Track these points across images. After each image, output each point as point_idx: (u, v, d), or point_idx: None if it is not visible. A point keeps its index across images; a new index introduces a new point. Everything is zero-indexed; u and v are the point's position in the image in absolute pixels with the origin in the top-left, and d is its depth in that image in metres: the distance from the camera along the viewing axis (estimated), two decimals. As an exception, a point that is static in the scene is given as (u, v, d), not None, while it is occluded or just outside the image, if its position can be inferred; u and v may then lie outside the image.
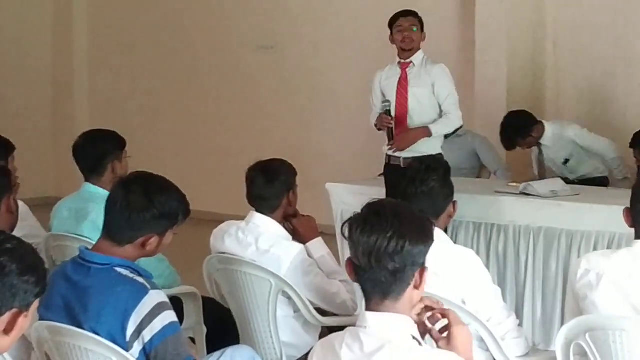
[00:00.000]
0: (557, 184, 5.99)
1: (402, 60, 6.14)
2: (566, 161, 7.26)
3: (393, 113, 6.12)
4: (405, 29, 6.09)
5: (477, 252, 4.64)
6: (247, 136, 10.10)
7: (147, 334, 3.14)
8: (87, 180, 4.88)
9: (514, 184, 6.01)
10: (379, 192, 6.04)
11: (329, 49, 9.70)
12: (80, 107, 11.45)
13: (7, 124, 9.38)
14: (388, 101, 6.13)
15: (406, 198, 4.04)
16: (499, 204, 5.77)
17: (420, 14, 6.26)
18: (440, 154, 6.13)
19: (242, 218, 4.44)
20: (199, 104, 10.64)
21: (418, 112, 6.07)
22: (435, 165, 4.21)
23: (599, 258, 3.50)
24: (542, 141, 7.28)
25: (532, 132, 7.23)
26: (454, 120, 6.13)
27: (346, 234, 2.62)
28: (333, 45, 9.67)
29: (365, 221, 2.59)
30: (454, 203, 4.15)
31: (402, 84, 6.11)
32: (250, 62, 10.20)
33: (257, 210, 4.40)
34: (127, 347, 3.14)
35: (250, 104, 10.24)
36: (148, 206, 3.30)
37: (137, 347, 3.15)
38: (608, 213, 5.12)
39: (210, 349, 4.38)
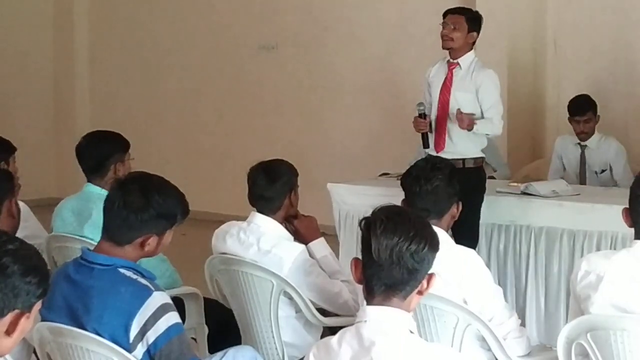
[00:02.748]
0: (559, 184, 5.99)
1: (450, 60, 5.92)
2: (602, 172, 7.18)
3: (434, 113, 5.90)
4: (446, 27, 5.84)
5: (479, 252, 4.64)
6: (248, 137, 10.10)
7: (151, 336, 3.13)
8: (89, 180, 4.88)
9: (515, 184, 6.00)
10: (379, 193, 6.06)
11: (329, 49, 9.70)
12: (82, 108, 11.45)
13: (8, 125, 9.41)
14: (422, 104, 5.94)
15: (410, 196, 4.06)
16: (500, 204, 5.77)
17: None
18: (482, 158, 5.95)
19: (243, 218, 4.44)
20: (200, 104, 10.64)
21: None
22: (440, 165, 4.21)
23: (600, 259, 3.50)
24: (588, 143, 7.20)
25: (596, 115, 7.20)
26: (496, 125, 5.85)
27: (365, 230, 2.68)
28: (334, 46, 9.67)
29: (388, 219, 2.67)
30: (458, 204, 4.15)
31: (446, 85, 5.89)
32: (251, 63, 10.20)
33: (259, 211, 4.40)
34: (130, 349, 3.14)
35: (251, 104, 10.24)
36: (145, 206, 3.29)
37: (140, 349, 3.15)
38: (609, 212, 5.12)
39: (212, 350, 4.37)
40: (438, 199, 4.04)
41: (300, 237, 4.45)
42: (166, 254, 4.38)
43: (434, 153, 5.84)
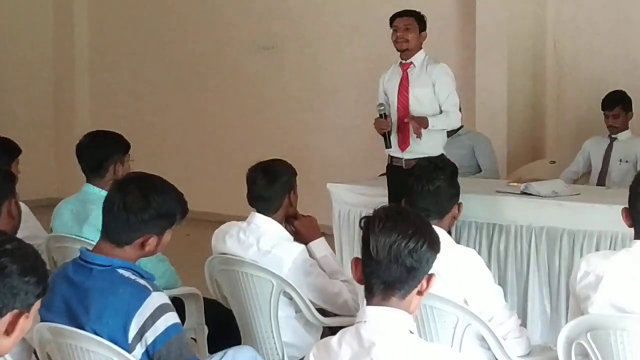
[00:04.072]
0: (558, 184, 5.98)
1: (403, 61, 6.11)
2: (625, 161, 7.18)
3: (395, 115, 6.07)
4: (399, 30, 6.05)
5: (479, 252, 4.64)
6: (247, 137, 10.11)
7: (150, 336, 3.13)
8: (88, 180, 4.88)
9: (515, 184, 6.00)
10: (379, 192, 6.07)
11: (329, 49, 9.71)
12: (82, 108, 11.46)
13: (9, 125, 9.40)
14: (382, 104, 6.11)
15: (412, 196, 4.06)
16: (501, 204, 5.77)
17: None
18: (442, 155, 6.07)
19: (243, 219, 4.44)
20: (200, 104, 10.65)
21: (419, 113, 5.99)
22: (442, 165, 4.23)
23: (599, 259, 3.50)
24: (618, 136, 7.24)
25: (628, 112, 7.21)
26: (453, 119, 6.05)
27: (365, 228, 2.69)
28: (333, 45, 9.68)
29: (388, 217, 2.67)
30: (459, 205, 4.16)
31: (404, 85, 6.07)
32: (250, 63, 10.20)
33: (258, 211, 4.40)
34: (129, 349, 3.14)
35: (250, 104, 10.25)
36: (145, 207, 3.29)
37: (139, 350, 3.15)
38: (609, 212, 5.11)
39: (212, 350, 4.38)
40: (439, 199, 4.06)
41: (301, 237, 4.45)
42: (166, 254, 4.38)
43: (397, 153, 6.06)
